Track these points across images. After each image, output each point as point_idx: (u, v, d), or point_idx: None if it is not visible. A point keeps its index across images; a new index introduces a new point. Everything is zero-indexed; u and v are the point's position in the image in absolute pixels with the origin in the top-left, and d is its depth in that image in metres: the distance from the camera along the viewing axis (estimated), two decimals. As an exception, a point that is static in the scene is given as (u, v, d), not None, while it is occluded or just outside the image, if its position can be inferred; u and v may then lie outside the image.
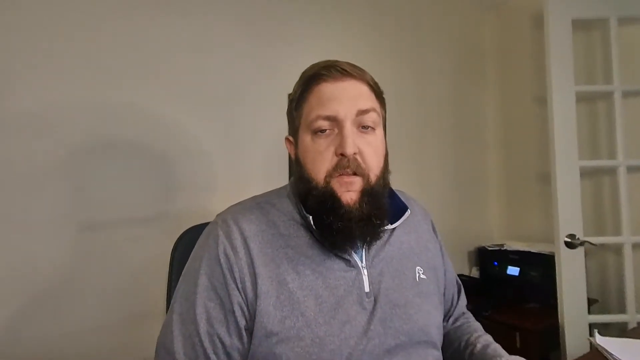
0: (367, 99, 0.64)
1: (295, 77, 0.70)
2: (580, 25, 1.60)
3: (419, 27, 1.94)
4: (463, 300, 0.86)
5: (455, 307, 0.84)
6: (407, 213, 0.71)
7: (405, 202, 0.73)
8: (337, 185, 0.61)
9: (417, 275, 0.70)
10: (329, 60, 0.66)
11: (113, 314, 1.13)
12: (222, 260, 0.61)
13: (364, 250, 0.66)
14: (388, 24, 1.83)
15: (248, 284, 0.60)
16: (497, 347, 0.72)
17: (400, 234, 0.72)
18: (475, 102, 2.16)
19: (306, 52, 1.55)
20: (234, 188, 1.36)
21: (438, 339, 0.70)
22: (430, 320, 0.68)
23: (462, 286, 0.88)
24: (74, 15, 1.11)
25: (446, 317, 0.83)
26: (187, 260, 0.67)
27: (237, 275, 0.60)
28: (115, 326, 1.13)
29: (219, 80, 1.36)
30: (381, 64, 1.78)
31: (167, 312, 0.65)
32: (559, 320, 1.46)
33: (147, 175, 1.22)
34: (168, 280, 0.77)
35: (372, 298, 0.64)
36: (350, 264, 0.64)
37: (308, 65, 0.69)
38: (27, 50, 1.05)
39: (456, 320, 0.84)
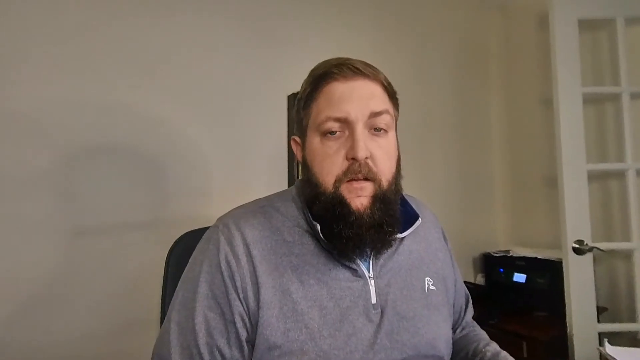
0: (380, 100, 0.62)
1: (296, 79, 0.69)
2: (587, 26, 1.61)
3: (422, 27, 1.95)
4: (470, 312, 0.86)
5: (463, 318, 0.83)
6: (418, 222, 0.69)
7: (416, 209, 0.72)
8: (346, 191, 0.59)
9: (427, 286, 0.69)
10: (341, 58, 0.64)
11: (106, 322, 1.13)
12: (224, 267, 0.59)
13: (371, 259, 0.65)
14: (391, 24, 1.84)
15: (250, 294, 0.58)
16: (506, 355, 0.71)
17: (410, 243, 0.71)
18: (480, 104, 2.16)
19: (307, 53, 1.55)
20: (233, 192, 1.36)
21: (446, 353, 0.68)
22: (439, 334, 0.67)
23: (470, 298, 0.87)
24: (69, 15, 1.12)
25: (453, 328, 0.81)
26: (182, 265, 0.66)
27: (238, 284, 0.59)
28: (108, 334, 1.13)
29: (218, 81, 1.36)
30: (383, 65, 1.77)
31: (161, 320, 0.65)
32: (568, 329, 1.45)
33: (143, 179, 1.22)
34: (163, 286, 0.77)
35: (379, 310, 0.62)
36: (357, 273, 0.63)
37: (308, 67, 0.68)
38: (20, 52, 1.05)
39: (462, 329, 0.83)
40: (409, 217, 0.69)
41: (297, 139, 0.68)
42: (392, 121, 0.65)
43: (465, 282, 1.98)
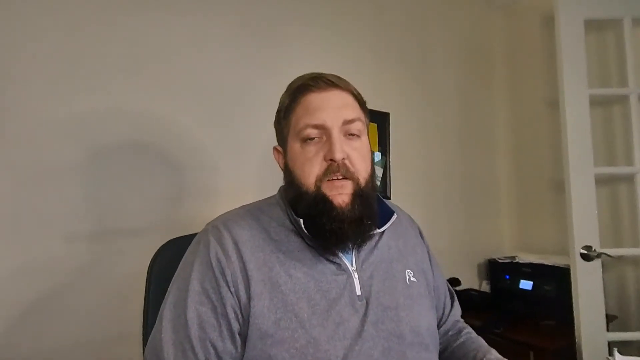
0: (352, 109, 0.70)
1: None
2: (593, 26, 1.61)
3: (425, 28, 1.96)
4: (457, 309, 0.90)
5: (449, 315, 0.87)
6: (394, 216, 0.76)
7: (392, 208, 0.78)
8: (327, 189, 0.66)
9: (408, 278, 0.75)
10: (315, 73, 0.72)
11: (95, 331, 1.12)
12: (214, 264, 0.64)
13: (353, 254, 0.70)
14: (392, 26, 1.84)
15: (241, 287, 0.63)
16: None
17: (388, 239, 0.77)
18: (484, 106, 2.16)
19: (307, 55, 1.56)
20: (236, 196, 1.35)
21: (432, 342, 0.72)
22: (421, 322, 0.71)
23: (455, 294, 0.92)
24: (85, 17, 1.14)
25: (439, 323, 0.85)
26: (165, 274, 0.68)
27: (229, 278, 0.63)
28: (102, 342, 1.12)
29: (217, 83, 1.37)
30: (385, 67, 1.79)
31: (143, 331, 0.65)
32: (576, 338, 1.44)
33: (143, 184, 1.21)
34: (145, 296, 0.77)
35: (364, 301, 0.67)
36: (340, 267, 0.68)
37: (309, 69, 0.76)
38: (37, 55, 1.06)
39: (458, 333, 0.85)
40: (386, 214, 0.76)
41: (279, 148, 0.76)
42: (364, 127, 0.72)
43: (469, 289, 1.99)
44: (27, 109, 1.06)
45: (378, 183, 1.63)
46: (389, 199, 1.67)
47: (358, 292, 0.67)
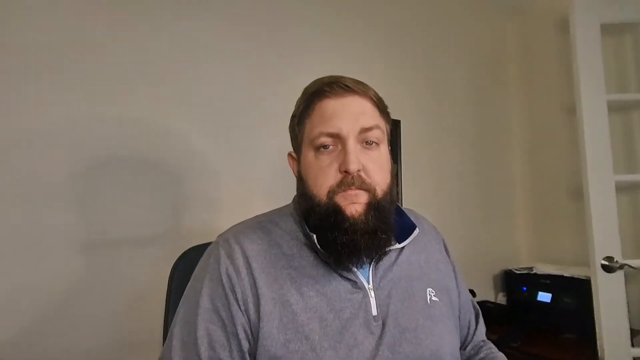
0: (370, 116, 0.67)
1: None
2: (610, 30, 1.59)
3: (437, 34, 1.96)
4: (482, 327, 0.86)
5: (474, 334, 0.83)
6: (415, 231, 0.72)
7: (415, 221, 0.75)
8: (341, 199, 0.63)
9: (429, 297, 0.71)
10: (332, 76, 0.69)
11: (109, 340, 1.12)
12: (224, 280, 0.63)
13: (370, 271, 0.67)
14: (403, 32, 1.85)
15: (251, 305, 0.61)
16: None
17: (409, 254, 0.73)
18: (499, 112, 2.15)
19: (316, 62, 1.57)
20: (241, 204, 1.36)
21: None
22: (442, 346, 0.68)
23: (480, 312, 0.87)
24: (78, 25, 1.15)
25: (464, 345, 0.82)
26: (187, 282, 0.68)
27: (239, 296, 0.62)
28: (111, 352, 1.12)
29: (222, 92, 1.38)
30: (396, 74, 1.80)
31: (164, 340, 0.65)
32: (598, 354, 1.39)
33: (147, 193, 1.23)
34: (166, 304, 0.78)
35: (380, 322, 0.64)
36: (356, 285, 0.65)
37: (317, 76, 0.72)
38: (30, 65, 1.09)
39: (478, 350, 0.82)
40: (407, 227, 0.72)
41: (293, 154, 0.74)
42: (383, 135, 0.69)
43: (485, 301, 1.95)
44: (25, 117, 1.08)
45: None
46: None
47: (374, 312, 0.64)
